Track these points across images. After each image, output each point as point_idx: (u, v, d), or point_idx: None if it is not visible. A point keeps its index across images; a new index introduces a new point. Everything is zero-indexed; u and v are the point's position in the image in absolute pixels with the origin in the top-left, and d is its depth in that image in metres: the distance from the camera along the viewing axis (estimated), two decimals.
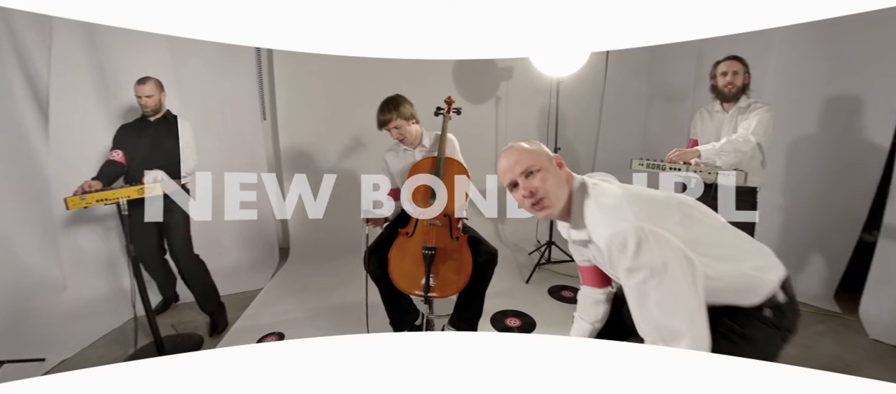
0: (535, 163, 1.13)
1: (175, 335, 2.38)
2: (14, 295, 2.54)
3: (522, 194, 1.14)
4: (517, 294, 2.60)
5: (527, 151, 1.16)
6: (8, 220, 2.56)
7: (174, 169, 2.30)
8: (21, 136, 2.58)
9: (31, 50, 2.53)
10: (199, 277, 2.45)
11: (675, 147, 1.99)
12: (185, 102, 2.80)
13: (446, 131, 2.08)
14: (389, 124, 2.03)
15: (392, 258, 1.94)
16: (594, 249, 1.15)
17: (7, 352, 2.12)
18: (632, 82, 3.42)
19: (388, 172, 2.17)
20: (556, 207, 1.14)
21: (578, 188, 1.16)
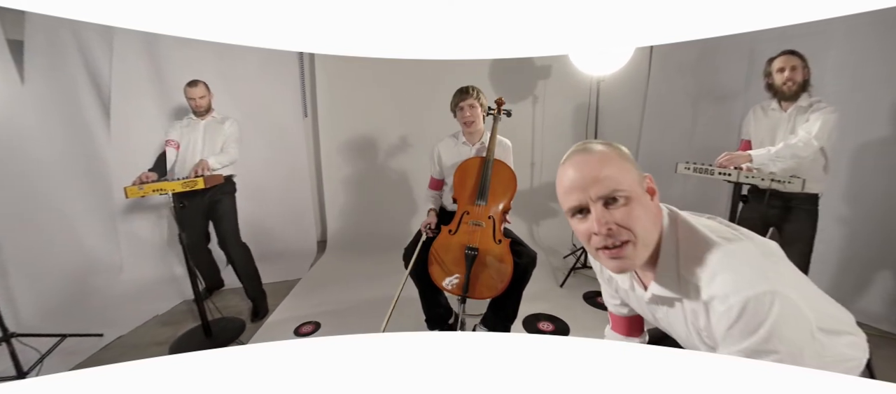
0: (623, 186, 0.75)
1: (220, 318, 2.50)
2: (78, 275, 2.77)
3: (595, 230, 0.76)
4: (551, 298, 2.55)
5: (612, 164, 0.77)
6: (74, 207, 2.80)
7: (218, 160, 2.44)
8: (86, 131, 2.84)
9: (95, 54, 2.78)
10: (245, 263, 2.57)
11: (725, 150, 1.88)
12: (233, 101, 2.96)
13: (496, 133, 2.07)
14: (466, 100, 2.04)
15: (433, 255, 1.94)
16: (678, 311, 0.85)
17: (70, 327, 2.30)
18: (677, 80, 3.26)
19: (438, 163, 2.17)
20: (642, 256, 0.79)
21: (671, 225, 0.82)
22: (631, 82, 3.27)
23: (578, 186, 0.77)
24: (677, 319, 0.88)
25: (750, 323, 0.72)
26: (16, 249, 2.45)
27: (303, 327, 2.40)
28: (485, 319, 2.08)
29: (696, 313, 0.81)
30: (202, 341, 2.30)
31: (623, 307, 1.08)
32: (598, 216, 0.76)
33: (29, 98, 2.55)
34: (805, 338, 0.74)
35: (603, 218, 0.76)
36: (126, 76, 2.85)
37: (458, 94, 2.09)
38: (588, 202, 0.77)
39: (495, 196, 1.96)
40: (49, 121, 2.65)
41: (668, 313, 0.89)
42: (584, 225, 0.79)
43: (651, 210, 0.80)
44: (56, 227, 2.71)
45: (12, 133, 2.45)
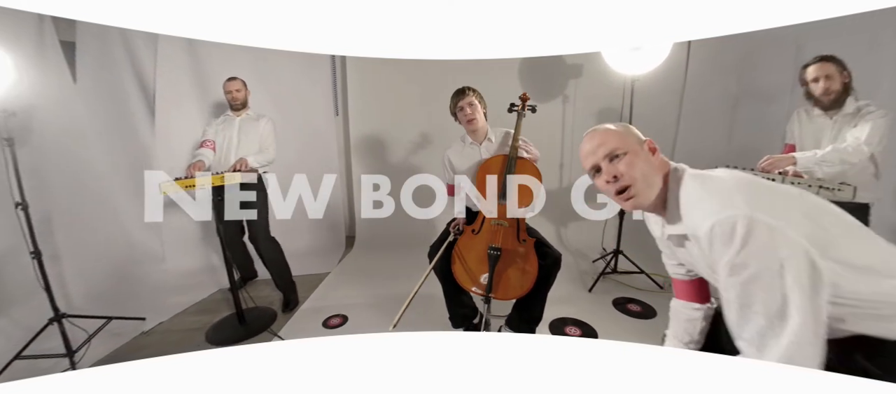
0: (621, 145, 1.01)
1: (253, 308, 2.58)
2: (123, 263, 2.92)
3: (605, 180, 1.02)
4: (578, 302, 2.49)
5: (612, 132, 1.05)
6: (121, 199, 2.96)
7: (257, 160, 2.54)
8: (132, 128, 2.99)
9: (141, 55, 2.92)
10: (274, 256, 2.64)
11: (766, 154, 1.79)
12: (268, 100, 3.05)
13: (520, 129, 2.03)
14: (464, 99, 2.04)
15: (456, 255, 1.94)
16: (692, 247, 0.99)
17: (115, 311, 2.43)
18: (717, 80, 3.12)
19: (450, 170, 2.17)
20: (646, 195, 1.00)
21: (675, 175, 1.01)
22: (667, 82, 3.13)
23: (591, 151, 1.05)
24: (694, 256, 1.03)
25: (717, 244, 0.86)
26: (67, 236, 2.61)
27: (331, 319, 2.44)
28: (510, 320, 2.06)
29: (699, 245, 0.95)
30: (236, 329, 2.38)
31: (680, 268, 1.19)
32: (605, 169, 1.03)
33: (80, 97, 2.71)
34: (786, 259, 0.80)
35: (608, 170, 1.02)
36: (169, 76, 2.99)
37: (454, 96, 2.10)
38: (600, 161, 1.03)
39: (519, 195, 1.94)
40: (98, 118, 2.81)
41: (689, 252, 1.04)
42: (600, 179, 1.05)
43: (651, 163, 1.02)
44: (104, 217, 2.87)
45: (65, 129, 2.62)
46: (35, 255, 1.92)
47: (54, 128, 2.55)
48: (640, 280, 2.65)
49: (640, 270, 2.65)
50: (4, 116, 1.82)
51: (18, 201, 1.88)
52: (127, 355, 2.23)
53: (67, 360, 1.91)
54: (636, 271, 2.67)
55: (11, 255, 2.31)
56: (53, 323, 1.96)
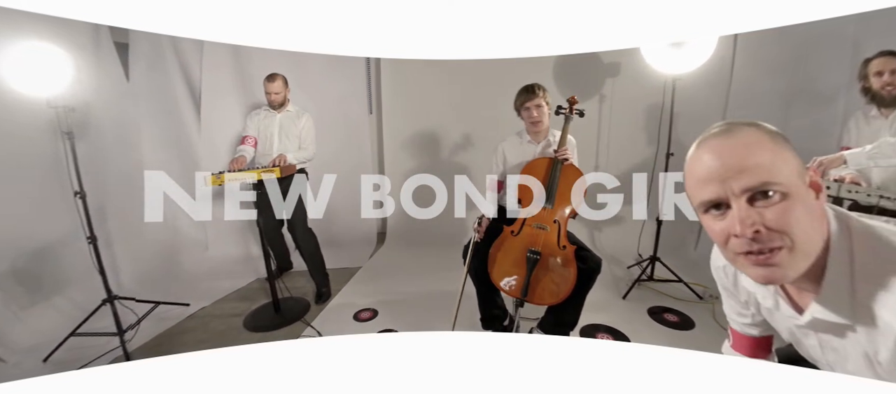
0: (777, 178, 0.59)
1: (288, 297, 2.64)
2: (170, 251, 3.08)
3: (736, 232, 0.61)
4: (612, 309, 2.39)
5: (764, 150, 0.60)
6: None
7: (297, 156, 2.59)
8: (180, 124, 3.16)
9: (188, 55, 3.07)
10: (311, 248, 2.69)
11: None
12: (307, 98, 3.10)
13: (567, 133, 1.97)
14: (532, 101, 1.96)
15: (493, 255, 1.88)
16: (855, 341, 0.69)
17: (161, 296, 2.53)
18: (765, 80, 2.89)
19: (502, 163, 2.10)
20: (799, 267, 0.62)
21: (843, 231, 0.65)
22: (711, 82, 2.93)
23: (717, 177, 0.61)
24: (846, 349, 0.71)
25: None
26: (120, 224, 2.76)
27: (362, 313, 2.47)
28: (542, 323, 1.99)
29: (875, 344, 0.65)
30: (272, 317, 2.44)
31: (754, 327, 0.90)
32: (741, 216, 0.60)
33: (132, 95, 2.87)
34: None
35: (749, 218, 0.59)
36: (214, 76, 3.13)
37: (522, 94, 2.01)
38: (729, 196, 0.61)
39: (562, 200, 1.87)
40: (148, 115, 2.97)
41: (830, 342, 0.72)
42: (720, 224, 0.63)
43: (815, 211, 0.63)
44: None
45: (119, 124, 2.78)
46: (91, 240, 2.03)
47: (109, 123, 2.71)
48: (677, 289, 2.52)
49: (678, 278, 2.51)
50: (65, 112, 1.92)
51: (77, 190, 1.99)
52: (172, 337, 2.34)
53: (118, 339, 2.01)
54: (674, 280, 2.53)
55: (70, 240, 2.47)
56: (106, 304, 2.08)
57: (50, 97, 1.89)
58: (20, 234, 2.31)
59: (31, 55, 1.80)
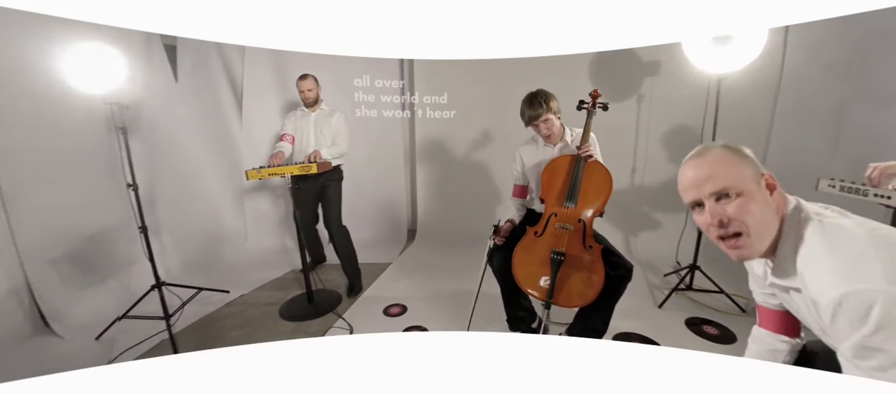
0: (733, 184, 0.81)
1: (321, 289, 2.69)
2: (212, 241, 3.21)
3: (709, 222, 0.83)
4: (646, 318, 2.27)
5: (724, 163, 0.83)
6: (212, 183, 3.26)
7: (331, 152, 2.63)
8: (223, 121, 3.28)
9: (231, 57, 3.19)
10: (344, 242, 2.73)
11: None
12: (342, 97, 3.16)
13: (589, 128, 1.87)
14: (539, 119, 1.87)
15: (517, 256, 1.83)
16: (801, 302, 0.87)
17: (204, 282, 2.65)
18: (819, 81, 2.64)
19: (521, 168, 2.04)
20: (758, 245, 0.83)
21: (793, 217, 0.84)
22: (759, 82, 2.72)
23: (694, 185, 0.86)
24: (801, 311, 0.90)
25: (843, 319, 0.73)
26: (168, 214, 2.90)
27: (391, 308, 2.48)
28: (571, 328, 1.93)
29: (810, 305, 0.83)
30: (305, 308, 2.49)
31: (771, 298, 1.03)
32: (710, 210, 0.84)
33: (180, 93, 3.00)
34: None
35: (715, 212, 0.83)
36: (255, 76, 3.24)
37: (527, 109, 1.89)
38: (702, 198, 0.85)
39: (586, 198, 1.79)
40: (195, 112, 3.10)
41: (794, 301, 0.90)
42: (701, 217, 0.87)
43: (768, 204, 0.84)
44: (197, 198, 3.17)
45: (168, 121, 2.91)
46: (142, 229, 2.14)
47: (159, 120, 2.84)
48: (718, 300, 2.37)
49: (719, 289, 2.36)
50: (119, 109, 2.01)
51: (130, 182, 2.09)
52: (213, 322, 2.43)
53: (164, 322, 2.12)
54: (715, 290, 2.38)
55: (123, 228, 2.62)
56: (154, 289, 2.19)
57: (105, 95, 1.99)
58: (77, 221, 2.46)
59: (89, 56, 1.91)
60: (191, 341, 2.23)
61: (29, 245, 2.23)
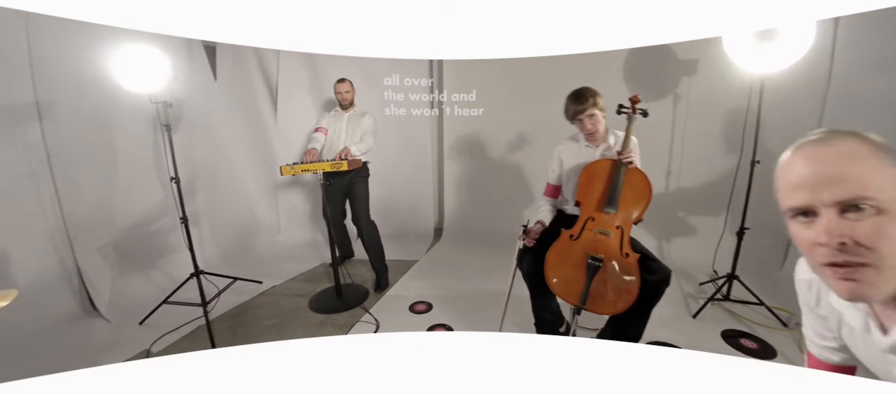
0: (873, 193, 0.55)
1: (350, 284, 2.72)
2: (247, 233, 3.32)
3: (822, 241, 0.57)
4: (680, 328, 2.16)
5: (862, 160, 0.56)
6: (247, 178, 3.37)
7: (358, 148, 2.67)
8: (259, 118, 3.39)
9: (267, 57, 3.29)
10: (372, 238, 2.75)
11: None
12: (372, 97, 3.18)
13: (630, 134, 1.80)
14: (585, 112, 1.79)
15: (550, 259, 1.76)
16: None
17: (239, 272, 2.75)
18: (873, 81, 2.38)
19: (558, 167, 1.96)
20: (884, 287, 0.58)
21: None
22: (806, 83, 2.51)
23: (808, 184, 0.58)
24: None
25: None
26: (207, 205, 3.02)
27: (417, 305, 2.48)
28: (603, 334, 1.86)
29: None
30: (334, 301, 2.52)
31: (836, 353, 0.81)
32: (829, 226, 0.56)
33: (219, 92, 3.11)
34: None
35: (836, 229, 0.56)
36: (289, 75, 3.33)
37: (573, 104, 1.82)
38: (818, 205, 0.57)
39: (627, 205, 1.72)
40: (233, 110, 3.21)
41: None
42: (807, 232, 0.59)
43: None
44: (234, 192, 3.28)
45: (208, 118, 3.02)
46: (183, 220, 2.23)
47: (199, 117, 2.95)
48: (758, 312, 2.22)
49: (759, 301, 2.21)
50: (164, 107, 2.10)
51: (172, 176, 2.18)
52: (247, 311, 2.50)
53: (201, 309, 2.20)
54: (755, 302, 2.23)
55: (165, 219, 2.75)
56: (193, 277, 2.28)
57: (151, 94, 2.08)
58: (124, 212, 2.59)
59: (136, 57, 2.00)
60: (225, 329, 2.30)
61: (80, 233, 2.36)
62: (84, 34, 2.18)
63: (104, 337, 2.21)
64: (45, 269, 2.24)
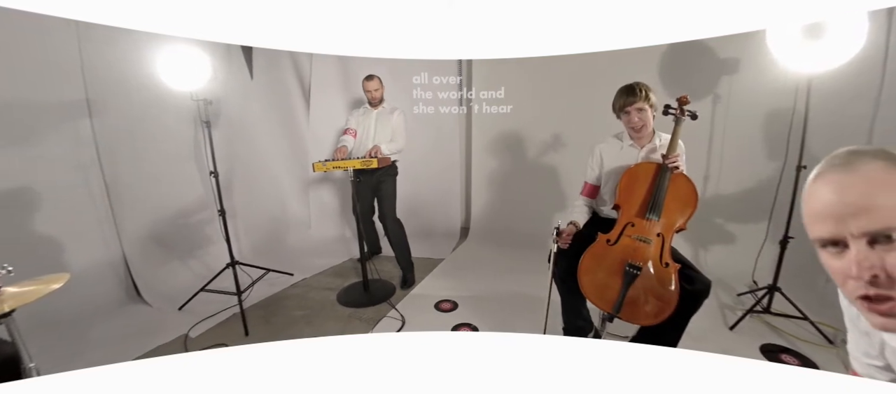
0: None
1: (377, 279, 2.75)
2: (279, 226, 3.42)
3: (855, 273, 0.53)
4: (716, 340, 2.05)
5: (887, 185, 0.52)
6: (280, 174, 3.47)
7: (389, 148, 2.68)
8: (292, 116, 3.47)
9: (300, 57, 3.37)
10: (399, 236, 2.77)
11: None
12: (401, 95, 3.20)
13: (677, 136, 1.68)
14: (633, 105, 1.70)
15: (584, 263, 1.69)
16: None
17: (272, 264, 2.83)
18: None
19: (599, 167, 1.87)
20: None
21: None
22: (857, 83, 2.33)
23: (834, 215, 0.54)
24: None
25: None
26: (241, 199, 3.12)
27: (443, 303, 2.48)
28: (635, 341, 1.80)
29: None
30: (361, 295, 2.56)
31: (882, 373, 0.77)
32: (858, 258, 0.53)
33: (255, 91, 3.20)
34: None
35: (867, 261, 0.52)
36: (321, 74, 3.40)
37: (623, 95, 1.73)
38: (846, 236, 0.54)
39: (670, 212, 1.62)
40: (267, 108, 3.30)
41: None
42: (838, 262, 0.56)
43: None
44: (267, 187, 3.38)
45: (244, 116, 3.12)
46: (221, 213, 2.32)
47: (236, 114, 3.05)
48: (800, 327, 2.09)
49: (802, 315, 2.07)
50: (204, 104, 2.18)
51: (212, 170, 2.27)
52: (278, 301, 2.57)
53: (236, 298, 2.29)
54: (797, 316, 2.09)
55: (204, 212, 2.88)
56: (229, 267, 2.37)
57: (192, 91, 2.17)
58: (166, 204, 2.72)
59: (178, 57, 2.08)
60: (258, 318, 2.37)
61: (126, 224, 2.50)
62: (130, 36, 2.30)
63: (147, 321, 2.33)
64: (93, 256, 2.38)
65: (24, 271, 1.19)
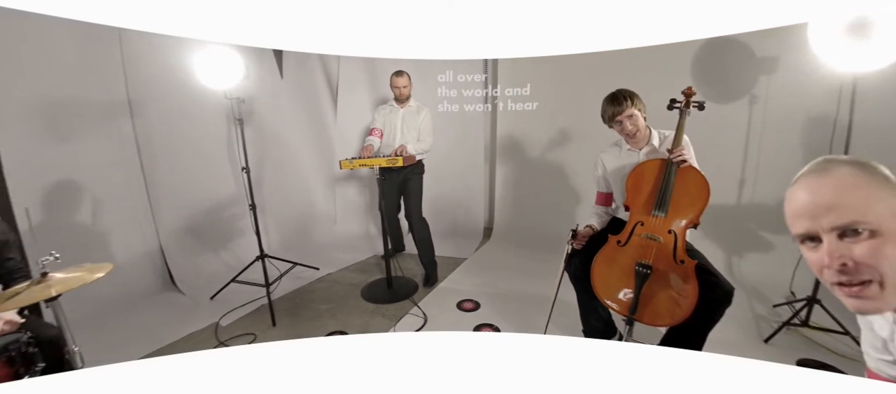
0: (865, 217, 0.60)
1: (400, 276, 2.76)
2: (305, 222, 3.50)
3: (827, 262, 0.62)
4: (749, 352, 1.95)
5: (854, 188, 0.61)
6: (308, 171, 3.55)
7: (416, 147, 2.69)
8: (320, 115, 3.55)
9: (329, 57, 3.45)
10: (423, 234, 2.77)
11: None
12: (426, 92, 3.19)
13: (682, 130, 1.64)
14: (622, 114, 1.69)
15: (596, 265, 1.68)
16: None
17: (299, 258, 2.90)
18: None
19: (603, 175, 1.86)
20: (892, 300, 0.63)
21: None
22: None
23: (809, 213, 0.63)
24: None
25: None
26: (270, 194, 3.21)
27: (465, 302, 2.48)
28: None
29: None
30: (384, 292, 2.59)
31: (892, 367, 0.80)
32: (829, 249, 0.62)
33: (285, 90, 3.28)
34: None
35: (836, 251, 0.61)
36: (349, 74, 3.45)
37: (610, 106, 1.70)
38: (818, 231, 0.63)
39: (678, 208, 1.58)
40: (297, 107, 3.38)
41: None
42: (814, 254, 0.65)
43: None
44: (296, 184, 3.47)
45: (274, 114, 3.21)
46: (252, 207, 2.39)
47: (267, 113, 3.13)
48: (840, 341, 1.97)
49: (843, 329, 1.96)
50: (237, 102, 2.25)
51: (243, 166, 2.34)
52: (304, 294, 2.63)
53: (265, 290, 2.35)
54: (838, 330, 1.98)
55: (236, 206, 2.99)
56: (259, 260, 2.45)
57: (226, 90, 2.24)
58: (201, 197, 2.83)
59: (213, 57, 2.15)
60: (285, 310, 2.43)
61: (163, 216, 2.62)
62: (168, 40, 2.40)
63: (180, 309, 2.43)
64: (133, 247, 2.51)
65: (70, 259, 1.24)
